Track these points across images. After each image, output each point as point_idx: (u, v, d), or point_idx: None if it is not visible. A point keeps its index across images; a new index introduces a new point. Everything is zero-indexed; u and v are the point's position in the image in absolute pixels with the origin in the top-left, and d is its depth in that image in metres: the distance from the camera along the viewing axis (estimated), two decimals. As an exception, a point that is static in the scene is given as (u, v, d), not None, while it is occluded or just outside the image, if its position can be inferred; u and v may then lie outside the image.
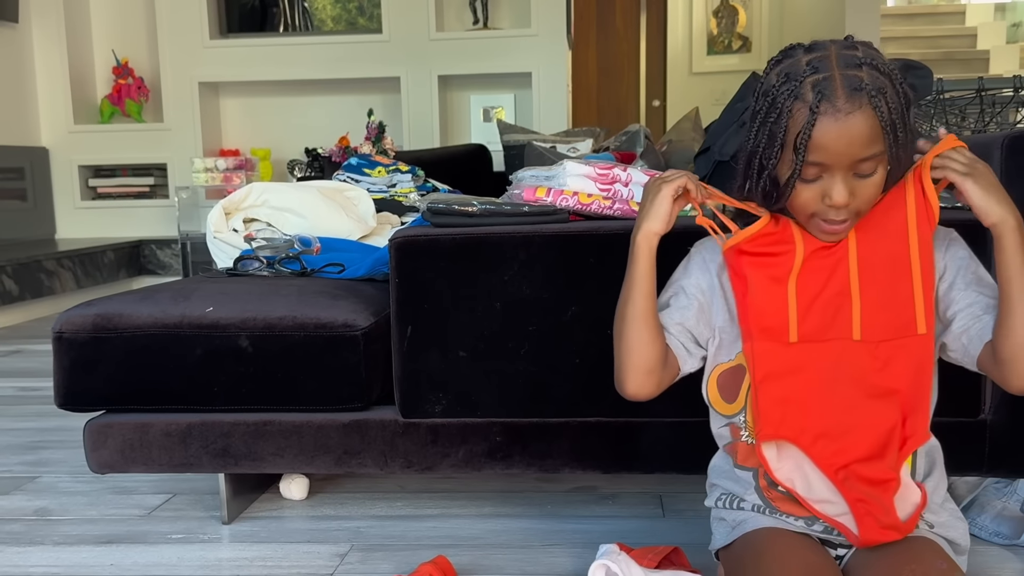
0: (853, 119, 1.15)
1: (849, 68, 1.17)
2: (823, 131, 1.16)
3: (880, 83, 1.16)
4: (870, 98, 1.15)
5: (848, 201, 1.19)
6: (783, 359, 1.27)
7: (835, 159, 1.17)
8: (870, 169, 1.19)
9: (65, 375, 1.81)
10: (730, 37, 7.60)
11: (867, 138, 1.16)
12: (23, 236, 5.55)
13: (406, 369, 1.75)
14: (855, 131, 1.16)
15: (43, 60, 5.75)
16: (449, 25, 5.74)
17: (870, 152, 1.17)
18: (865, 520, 1.24)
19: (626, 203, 1.74)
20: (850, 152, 1.17)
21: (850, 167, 1.18)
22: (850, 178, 1.19)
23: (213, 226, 2.28)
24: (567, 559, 1.71)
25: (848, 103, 1.15)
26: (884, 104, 1.15)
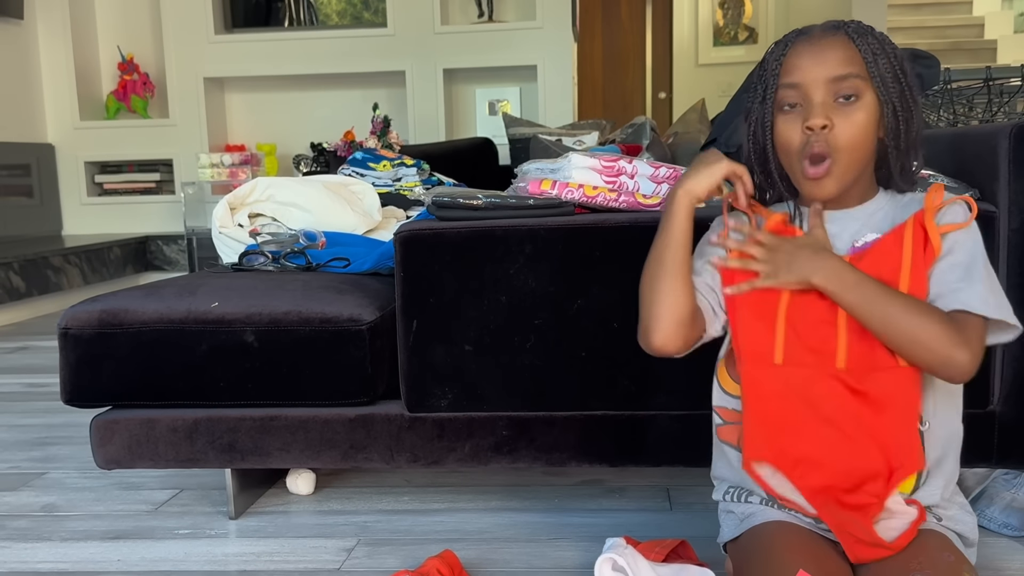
0: (826, 41, 1.23)
1: (832, 23, 1.25)
2: (795, 53, 1.24)
3: (865, 31, 1.23)
4: (847, 31, 1.22)
5: (825, 123, 1.21)
6: (768, 381, 1.28)
7: (807, 78, 1.22)
8: (850, 89, 1.21)
9: (71, 371, 1.81)
10: (736, 28, 7.57)
11: (841, 57, 1.21)
12: (30, 232, 5.56)
13: (412, 363, 1.74)
14: (827, 50, 1.22)
15: (48, 56, 5.76)
16: (454, 18, 5.73)
17: (845, 70, 1.21)
18: (848, 540, 1.24)
19: (632, 195, 1.73)
20: (821, 70, 1.22)
21: (828, 90, 1.22)
22: (830, 103, 1.22)
23: (218, 221, 2.28)
24: (574, 552, 1.71)
25: (823, 32, 1.24)
26: (865, 43, 1.22)
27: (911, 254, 1.23)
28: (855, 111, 1.22)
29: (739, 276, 1.31)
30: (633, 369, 1.70)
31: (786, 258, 1.24)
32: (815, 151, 1.23)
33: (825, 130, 1.22)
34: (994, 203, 1.60)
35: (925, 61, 2.13)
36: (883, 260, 1.24)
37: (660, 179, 1.75)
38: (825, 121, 1.21)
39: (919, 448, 1.24)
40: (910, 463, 1.23)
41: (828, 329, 1.25)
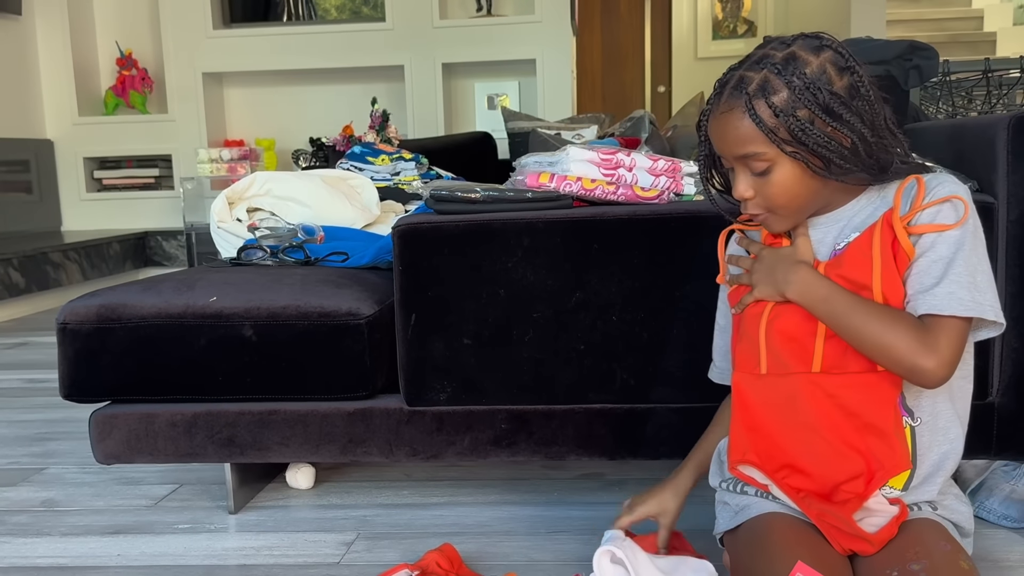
0: (725, 118, 1.23)
1: (751, 69, 1.22)
2: (710, 126, 1.27)
3: (770, 87, 1.19)
4: (745, 101, 1.20)
5: (745, 194, 1.25)
6: (754, 390, 1.31)
7: (723, 153, 1.26)
8: (760, 167, 1.23)
9: (70, 366, 1.81)
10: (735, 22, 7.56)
11: (738, 138, 1.22)
12: (29, 228, 5.56)
13: (411, 357, 1.74)
14: (727, 128, 1.23)
15: (47, 52, 5.75)
16: (452, 12, 5.72)
17: (746, 150, 1.22)
18: (831, 532, 1.25)
19: (630, 188, 1.73)
20: (727, 149, 1.25)
21: (740, 163, 1.25)
22: (748, 174, 1.25)
23: (217, 216, 2.28)
24: (574, 546, 1.71)
25: (725, 103, 1.23)
26: (764, 107, 1.19)
27: (880, 255, 1.23)
28: (772, 180, 1.23)
29: (742, 293, 1.35)
30: (632, 362, 1.70)
31: (767, 271, 1.29)
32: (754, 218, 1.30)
33: (749, 200, 1.26)
34: (992, 194, 1.60)
35: (924, 53, 2.13)
36: (856, 263, 1.24)
37: (658, 172, 1.75)
38: (747, 193, 1.25)
39: (902, 449, 1.24)
40: (892, 464, 1.24)
41: (807, 337, 1.26)
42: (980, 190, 1.63)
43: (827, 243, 1.30)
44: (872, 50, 2.16)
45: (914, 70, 2.10)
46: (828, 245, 1.30)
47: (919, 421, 1.26)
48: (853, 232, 1.27)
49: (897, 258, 1.22)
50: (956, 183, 1.25)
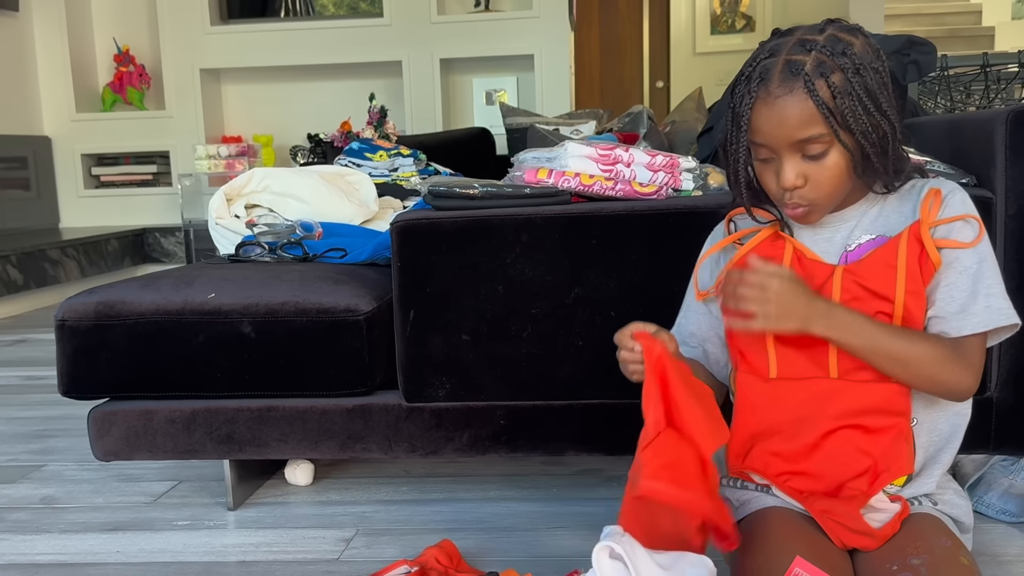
0: (784, 102, 1.17)
1: (797, 53, 1.18)
2: (757, 113, 1.19)
3: (827, 66, 1.16)
4: (805, 81, 1.16)
5: (796, 183, 1.20)
6: (761, 394, 1.30)
7: (772, 140, 1.19)
8: (817, 150, 1.19)
9: (68, 363, 1.81)
10: (733, 16, 7.55)
11: (800, 120, 1.17)
12: (27, 225, 5.55)
13: (409, 353, 1.74)
14: (787, 113, 1.17)
15: (44, 49, 5.74)
16: (450, 8, 5.72)
17: (806, 134, 1.17)
18: (834, 528, 1.25)
19: (628, 184, 1.73)
20: (783, 134, 1.18)
21: (793, 149, 1.19)
22: (799, 161, 1.20)
23: (215, 212, 2.28)
24: (573, 541, 1.71)
25: (781, 87, 1.17)
26: (825, 86, 1.16)
27: (906, 268, 1.22)
28: (825, 165, 1.19)
29: None
30: (630, 358, 1.69)
31: (782, 306, 1.19)
32: (787, 202, 1.23)
33: (798, 189, 1.21)
34: (991, 189, 1.60)
35: (922, 48, 2.13)
36: (878, 273, 1.23)
37: (656, 167, 1.75)
38: (797, 182, 1.20)
39: (909, 452, 1.25)
40: (897, 468, 1.24)
41: (821, 343, 1.24)
42: (978, 185, 1.63)
43: (836, 243, 1.28)
44: (870, 45, 2.16)
45: (912, 65, 2.09)
46: (837, 245, 1.28)
47: (915, 421, 1.26)
48: (864, 234, 1.27)
49: (923, 270, 1.22)
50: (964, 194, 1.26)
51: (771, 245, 1.31)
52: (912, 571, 1.14)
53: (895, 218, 1.27)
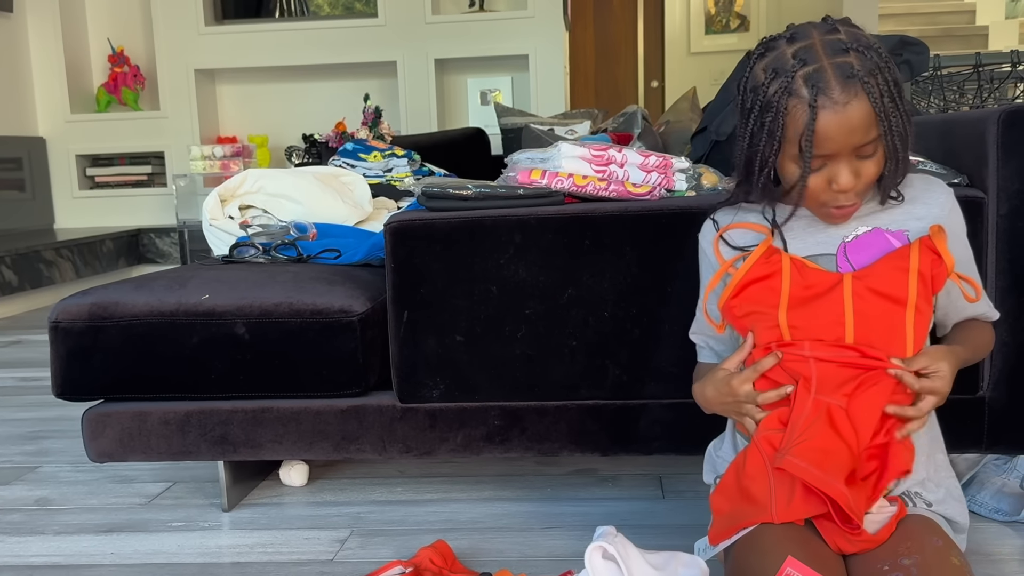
0: (851, 108, 1.17)
1: (837, 55, 1.18)
2: (825, 124, 1.17)
3: (870, 65, 1.18)
4: (863, 84, 1.16)
5: (855, 184, 1.22)
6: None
7: (838, 148, 1.19)
8: (871, 151, 1.21)
9: (62, 364, 1.80)
10: (728, 16, 7.55)
11: (866, 124, 1.18)
12: (22, 226, 5.55)
13: (403, 354, 1.74)
14: (855, 120, 1.17)
15: (39, 49, 5.74)
16: (445, 8, 5.72)
17: (870, 137, 1.19)
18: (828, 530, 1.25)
19: (621, 184, 1.73)
20: (851, 140, 1.19)
21: (853, 152, 1.21)
22: (854, 161, 1.21)
23: (209, 213, 2.28)
24: (567, 542, 1.71)
25: (844, 93, 1.17)
26: (876, 87, 1.17)
27: (918, 277, 1.23)
28: (873, 161, 1.22)
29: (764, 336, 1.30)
30: (624, 358, 1.70)
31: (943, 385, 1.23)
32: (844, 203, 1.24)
33: (854, 189, 1.23)
34: (983, 189, 1.60)
35: (914, 48, 2.13)
36: (890, 279, 1.24)
37: (650, 168, 1.75)
38: (854, 183, 1.22)
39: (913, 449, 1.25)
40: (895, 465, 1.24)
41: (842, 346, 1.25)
42: (970, 184, 1.64)
43: (831, 233, 1.31)
44: (863, 45, 2.16)
45: (904, 65, 2.10)
46: (835, 236, 1.30)
47: None
48: (861, 226, 1.29)
49: (935, 278, 1.24)
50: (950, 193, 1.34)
51: (767, 262, 1.30)
52: (903, 571, 1.15)
53: (895, 213, 1.30)
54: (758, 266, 1.30)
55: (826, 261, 1.30)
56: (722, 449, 1.45)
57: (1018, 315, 1.60)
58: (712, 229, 1.40)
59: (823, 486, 1.18)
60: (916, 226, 1.29)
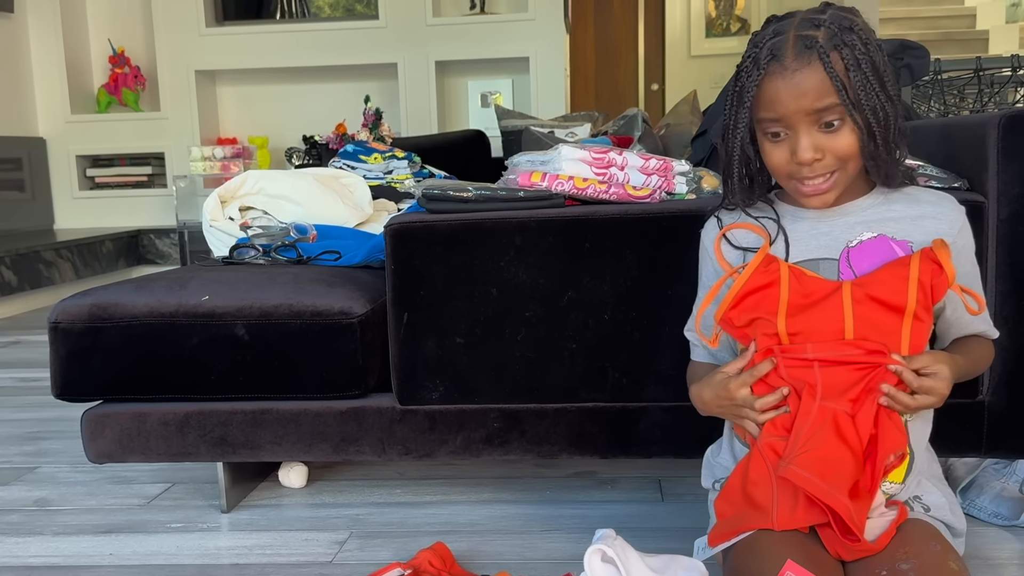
0: (800, 74, 1.19)
1: (806, 28, 1.20)
2: (771, 86, 1.20)
3: (836, 41, 1.19)
4: (819, 53, 1.18)
5: (814, 156, 1.21)
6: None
7: (788, 113, 1.21)
8: (834, 122, 1.20)
9: (62, 365, 1.80)
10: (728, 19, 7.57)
11: (816, 91, 1.19)
12: (21, 227, 5.55)
13: (403, 356, 1.74)
14: (803, 84, 1.19)
15: (39, 50, 5.74)
16: (446, 10, 5.72)
17: (823, 104, 1.19)
18: (829, 537, 1.24)
19: (622, 187, 1.73)
20: (800, 104, 1.19)
21: (810, 120, 1.20)
22: (816, 133, 1.21)
23: (209, 214, 2.28)
24: (566, 544, 1.71)
25: (796, 60, 1.19)
26: (839, 59, 1.18)
27: (918, 283, 1.23)
28: (841, 135, 1.21)
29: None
30: (624, 361, 1.70)
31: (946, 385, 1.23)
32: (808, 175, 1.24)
33: (817, 162, 1.22)
34: (983, 193, 1.60)
35: (915, 52, 2.13)
36: (891, 287, 1.23)
37: (650, 171, 1.75)
38: (816, 155, 1.21)
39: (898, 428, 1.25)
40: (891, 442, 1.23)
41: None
42: (970, 188, 1.64)
43: (836, 237, 1.29)
44: (864, 49, 2.16)
45: (905, 69, 2.10)
46: (838, 240, 1.29)
47: (912, 416, 1.27)
48: (866, 231, 1.28)
49: (935, 289, 1.23)
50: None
51: (765, 271, 1.29)
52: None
53: (902, 222, 1.28)
54: (756, 276, 1.29)
55: (828, 265, 1.29)
56: (720, 455, 1.45)
57: (1018, 319, 1.60)
58: (715, 227, 1.40)
59: (826, 498, 1.18)
60: (922, 238, 1.27)
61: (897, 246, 1.27)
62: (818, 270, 1.29)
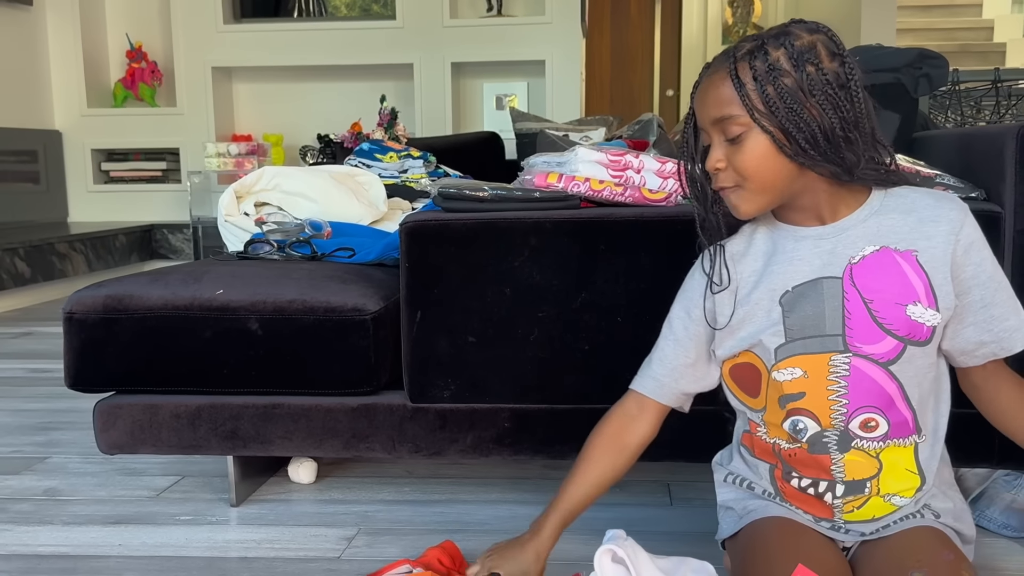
0: (710, 79, 1.23)
1: (747, 40, 1.23)
2: (696, 95, 1.26)
3: (758, 54, 1.18)
4: (731, 63, 1.19)
5: (716, 165, 1.22)
6: None
7: (700, 120, 1.25)
8: (735, 132, 1.20)
9: (75, 356, 1.81)
10: (745, 27, 7.56)
11: (717, 99, 1.21)
12: (36, 219, 5.57)
13: (415, 354, 1.75)
14: (708, 89, 1.22)
15: (57, 43, 5.77)
16: (463, 12, 5.73)
17: (722, 113, 1.20)
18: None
19: (638, 190, 1.73)
20: (704, 113, 1.23)
21: (715, 130, 1.22)
22: (722, 143, 1.22)
23: (224, 209, 2.29)
24: (574, 546, 1.71)
25: (713, 70, 1.23)
26: (747, 70, 1.18)
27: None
28: (743, 148, 1.20)
29: None
30: (636, 364, 1.69)
31: None
32: (726, 192, 1.25)
33: (719, 172, 1.23)
34: (1000, 204, 1.60)
35: (933, 61, 2.13)
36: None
37: (667, 174, 1.75)
38: (718, 163, 1.22)
39: None
40: None
41: None
42: (987, 199, 1.64)
43: (839, 254, 1.24)
44: (882, 58, 2.16)
45: (924, 78, 2.10)
46: (841, 257, 1.24)
47: (924, 437, 1.27)
48: (868, 244, 1.23)
49: None
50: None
51: None
52: (914, 583, 1.15)
53: (901, 231, 1.23)
54: None
55: (831, 284, 1.24)
56: (732, 463, 1.45)
57: (1032, 331, 1.59)
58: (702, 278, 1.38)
59: None
60: (926, 245, 1.22)
61: (901, 257, 1.22)
62: (821, 290, 1.24)
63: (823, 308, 1.24)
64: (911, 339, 1.21)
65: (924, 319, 1.21)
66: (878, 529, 1.29)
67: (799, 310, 1.25)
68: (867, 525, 1.29)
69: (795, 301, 1.25)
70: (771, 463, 1.34)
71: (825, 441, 1.26)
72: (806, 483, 1.30)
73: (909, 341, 1.22)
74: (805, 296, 1.25)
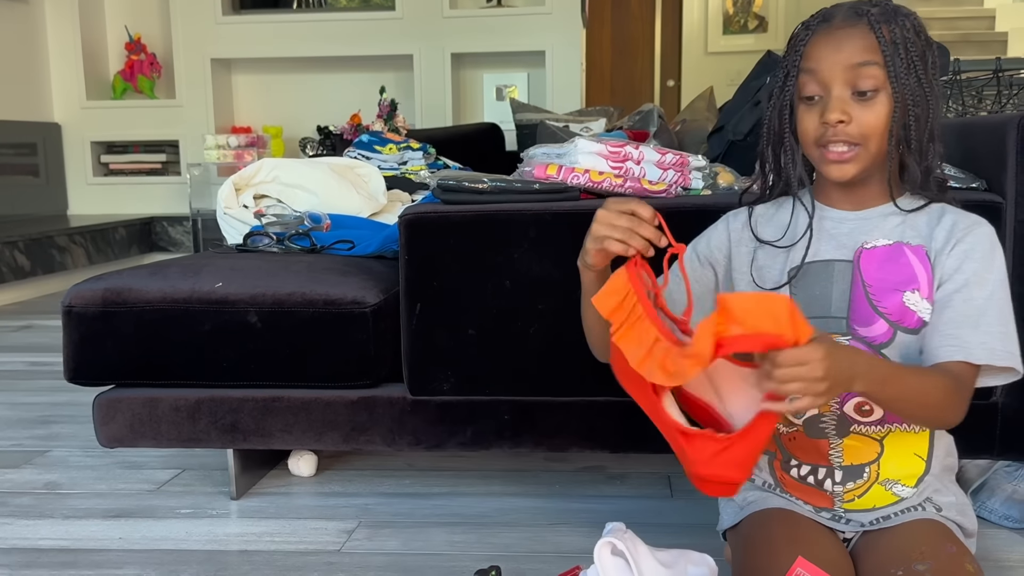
0: (844, 31, 1.18)
1: (862, 4, 1.20)
2: (816, 43, 1.20)
3: (891, 17, 1.18)
4: (869, 19, 1.17)
5: (839, 117, 1.17)
6: None
7: (826, 66, 1.18)
8: (868, 84, 1.17)
9: (75, 349, 1.81)
10: (746, 17, 7.54)
11: (858, 47, 1.17)
12: (35, 212, 5.57)
13: (415, 346, 1.74)
14: (846, 40, 1.18)
15: (56, 36, 5.75)
16: (463, 2, 5.72)
17: (862, 58, 1.17)
18: None
19: (637, 181, 1.72)
20: (838, 58, 1.18)
21: (845, 79, 1.18)
22: (848, 97, 1.18)
23: (223, 202, 2.28)
24: (575, 538, 1.71)
25: (844, 21, 1.19)
26: (887, 31, 1.17)
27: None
28: (872, 106, 1.18)
29: None
30: (636, 355, 1.69)
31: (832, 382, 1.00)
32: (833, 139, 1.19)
33: (841, 125, 1.18)
34: (1001, 194, 1.59)
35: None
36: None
37: (666, 165, 1.75)
38: (842, 116, 1.17)
39: None
40: None
41: None
42: (988, 189, 1.63)
43: (854, 238, 1.25)
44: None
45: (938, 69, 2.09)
46: (856, 240, 1.25)
47: None
48: (884, 237, 1.24)
49: None
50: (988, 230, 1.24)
51: None
52: (916, 576, 1.14)
53: (922, 232, 1.24)
54: None
55: (842, 268, 1.25)
56: None
57: (1034, 322, 1.58)
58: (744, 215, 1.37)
59: None
60: (937, 244, 1.22)
61: (911, 251, 1.23)
62: (832, 271, 1.25)
63: (831, 290, 1.25)
64: (901, 325, 1.22)
65: (918, 309, 1.21)
66: (879, 519, 1.28)
67: (806, 288, 1.26)
68: (868, 515, 1.29)
69: (804, 278, 1.26)
70: (771, 451, 1.34)
71: (822, 425, 1.27)
72: (805, 471, 1.30)
73: (899, 327, 1.22)
74: (815, 275, 1.26)
